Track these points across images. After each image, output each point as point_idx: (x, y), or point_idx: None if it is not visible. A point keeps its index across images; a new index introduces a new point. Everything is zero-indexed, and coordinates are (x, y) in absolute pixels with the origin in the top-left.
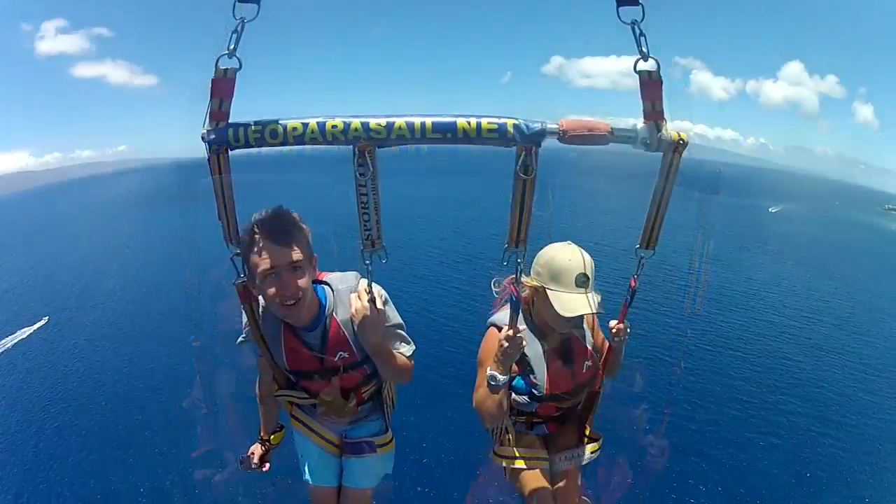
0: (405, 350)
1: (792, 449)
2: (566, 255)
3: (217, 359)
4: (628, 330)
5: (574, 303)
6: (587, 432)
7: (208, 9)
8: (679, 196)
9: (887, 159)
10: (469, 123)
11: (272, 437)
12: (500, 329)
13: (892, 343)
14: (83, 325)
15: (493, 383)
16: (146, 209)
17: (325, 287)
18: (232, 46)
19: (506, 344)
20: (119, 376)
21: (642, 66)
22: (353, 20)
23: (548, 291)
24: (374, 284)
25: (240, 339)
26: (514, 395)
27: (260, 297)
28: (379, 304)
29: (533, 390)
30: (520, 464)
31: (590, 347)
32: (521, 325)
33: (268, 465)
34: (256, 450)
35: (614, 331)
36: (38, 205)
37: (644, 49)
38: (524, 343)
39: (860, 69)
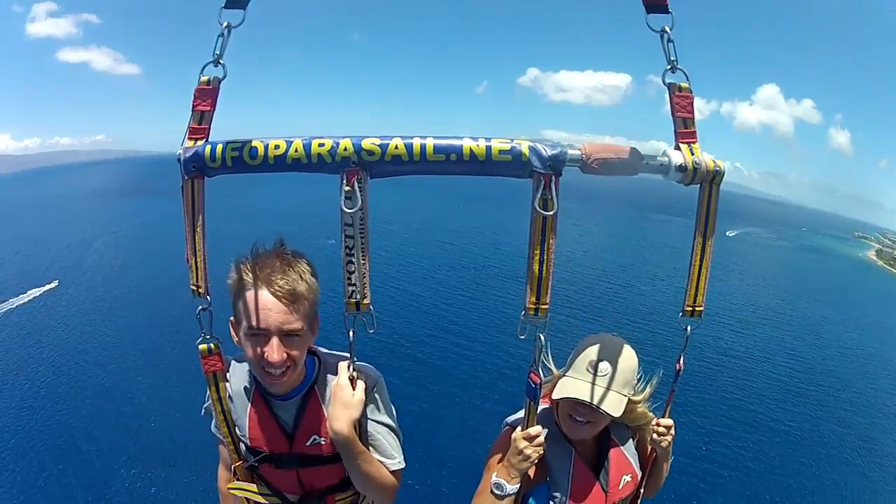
0: (389, 462)
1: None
2: (590, 342)
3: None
4: (672, 432)
5: (569, 386)
6: None
7: (195, 2)
8: (636, 217)
9: (862, 187)
10: (477, 145)
11: None
12: (515, 429)
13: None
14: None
15: (497, 492)
16: (123, 200)
17: (314, 357)
18: (217, 53)
19: (521, 445)
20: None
21: (671, 77)
22: (329, 28)
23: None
24: (365, 365)
25: (204, 407)
26: None
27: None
28: (360, 388)
29: None
30: None
31: (633, 461)
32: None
33: None
34: None
35: (656, 433)
36: (20, 189)
37: (673, 58)
38: (542, 446)
39: (838, 95)
